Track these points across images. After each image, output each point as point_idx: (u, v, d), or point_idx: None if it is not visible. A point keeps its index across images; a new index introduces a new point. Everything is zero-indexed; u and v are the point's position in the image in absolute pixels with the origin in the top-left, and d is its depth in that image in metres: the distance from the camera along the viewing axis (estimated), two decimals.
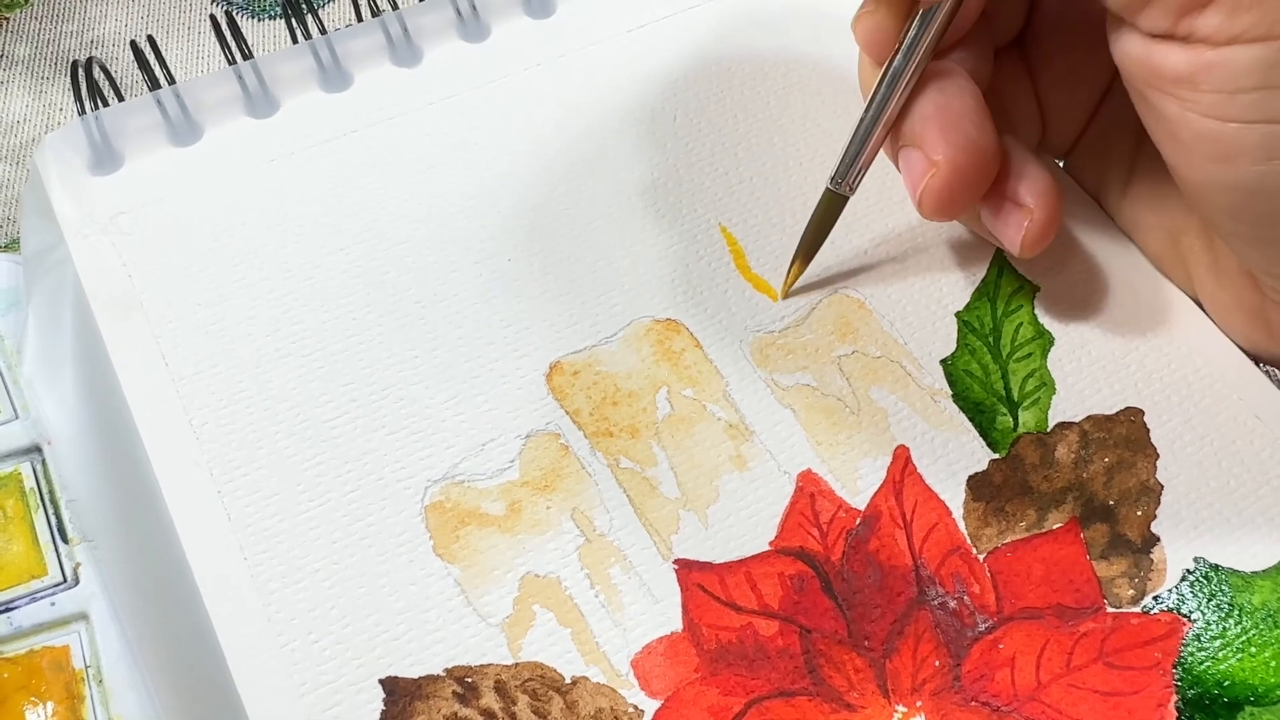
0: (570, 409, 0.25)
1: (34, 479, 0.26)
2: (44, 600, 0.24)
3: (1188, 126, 0.22)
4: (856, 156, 0.25)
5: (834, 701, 0.22)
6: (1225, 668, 0.22)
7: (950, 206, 0.24)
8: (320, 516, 0.23)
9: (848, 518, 0.24)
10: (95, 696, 0.23)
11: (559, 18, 0.31)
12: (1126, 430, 0.25)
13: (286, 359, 0.25)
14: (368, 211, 0.28)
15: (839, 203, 0.26)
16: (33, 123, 0.34)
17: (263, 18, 0.36)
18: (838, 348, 0.26)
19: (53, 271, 0.27)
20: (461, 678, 0.22)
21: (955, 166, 0.24)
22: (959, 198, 0.24)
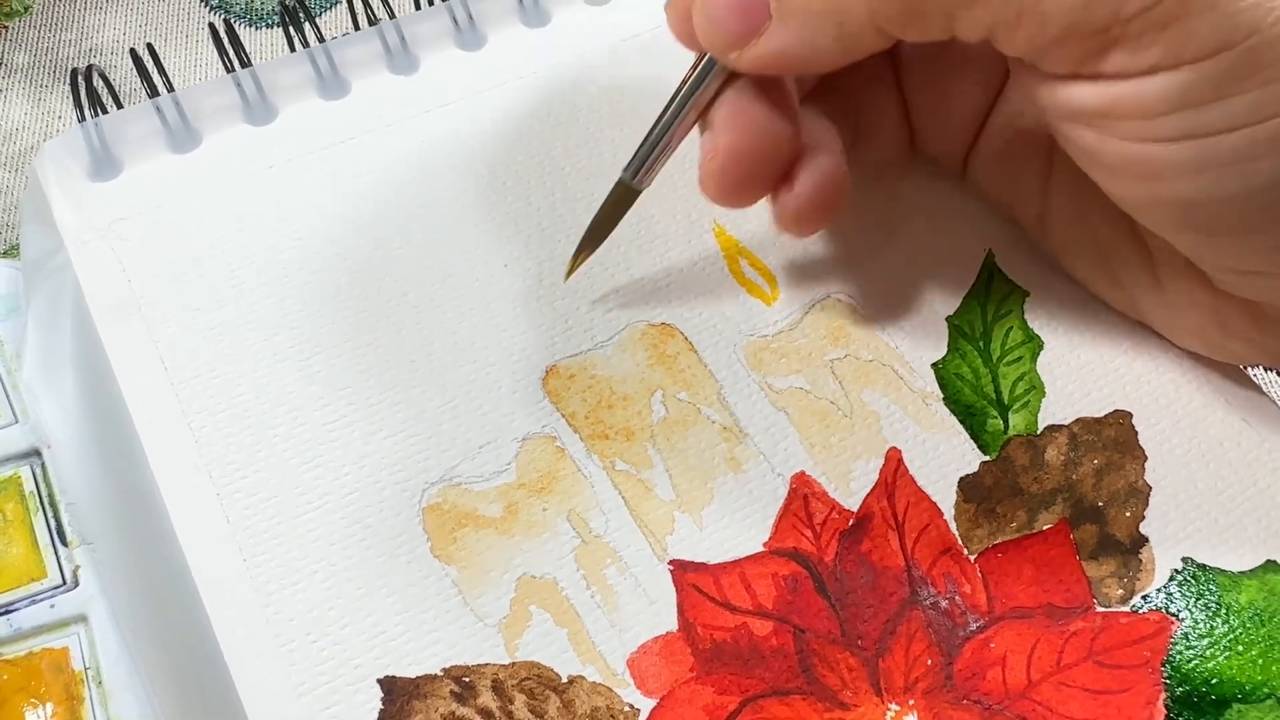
0: (566, 412, 0.25)
1: (33, 482, 0.26)
2: (43, 602, 0.24)
3: (1110, 152, 0.22)
4: (651, 151, 0.25)
5: (828, 700, 0.22)
6: (1213, 666, 0.23)
7: (728, 192, 0.24)
8: (318, 519, 0.23)
9: (840, 519, 0.24)
10: (95, 698, 0.23)
11: (554, 26, 0.32)
12: (1115, 433, 0.26)
13: (285, 363, 0.25)
14: (365, 218, 0.28)
15: (630, 196, 0.26)
16: (32, 130, 0.34)
17: (261, 26, 0.36)
18: (830, 351, 0.27)
19: (52, 277, 0.27)
20: (459, 677, 0.22)
21: (732, 152, 0.23)
22: (737, 184, 0.24)
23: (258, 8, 0.38)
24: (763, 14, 0.22)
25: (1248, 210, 0.21)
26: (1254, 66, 0.19)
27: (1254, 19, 0.19)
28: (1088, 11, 0.20)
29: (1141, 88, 0.20)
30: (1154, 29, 0.19)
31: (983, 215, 0.29)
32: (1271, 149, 0.20)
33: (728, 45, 0.23)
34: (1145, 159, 0.21)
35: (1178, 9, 0.19)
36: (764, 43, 0.22)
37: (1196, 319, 0.25)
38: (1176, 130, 0.20)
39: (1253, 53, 0.19)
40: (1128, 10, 0.19)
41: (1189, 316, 0.25)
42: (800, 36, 0.22)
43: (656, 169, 0.25)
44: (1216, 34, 0.19)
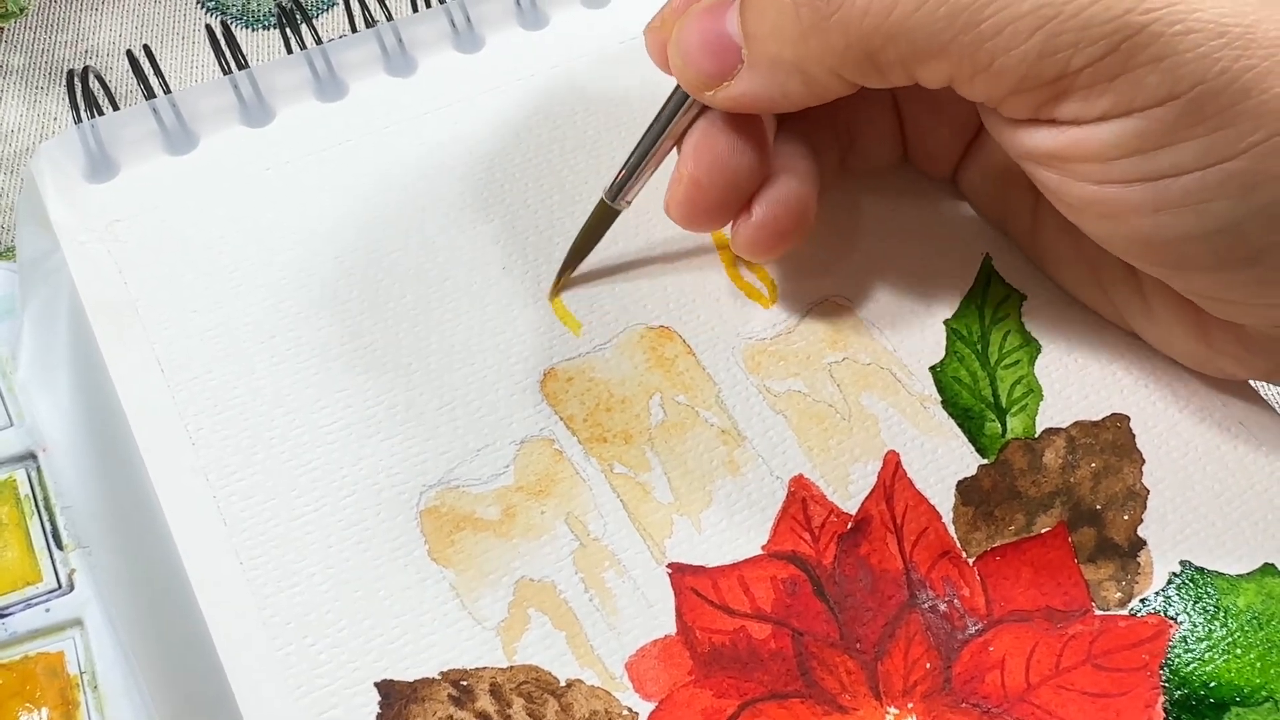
0: (564, 415, 0.25)
1: (29, 485, 0.26)
2: (39, 606, 0.24)
3: (1070, 192, 0.22)
4: (633, 172, 0.25)
5: (826, 704, 0.22)
6: (1211, 669, 0.23)
7: (691, 220, 0.25)
8: (316, 521, 0.23)
9: (839, 522, 0.24)
10: (90, 702, 0.23)
11: (552, 29, 0.32)
12: (1113, 436, 0.26)
13: (281, 365, 0.25)
14: (362, 220, 0.28)
15: (610, 215, 0.26)
16: (27, 131, 0.34)
17: (258, 28, 0.36)
18: (828, 355, 0.27)
19: (48, 279, 0.27)
20: (457, 681, 0.22)
21: (695, 183, 0.24)
22: (700, 212, 0.25)
23: (255, 9, 0.38)
24: (735, 57, 0.23)
25: (1208, 247, 0.22)
26: (1200, 115, 0.20)
27: (1199, 70, 0.20)
28: (1038, 66, 0.20)
29: (1095, 133, 0.21)
30: (1102, 80, 0.20)
31: (980, 220, 0.29)
32: (1223, 191, 0.21)
33: (700, 85, 0.24)
34: (1102, 199, 0.22)
35: (1124, 61, 0.20)
36: (735, 85, 0.23)
37: (1183, 336, 0.26)
38: (1130, 173, 0.21)
39: (1198, 101, 0.20)
40: (1076, 64, 0.20)
41: (1176, 334, 0.26)
42: (770, 83, 0.23)
43: (635, 190, 0.26)
44: (1163, 85, 0.20)
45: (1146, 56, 0.20)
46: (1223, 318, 0.24)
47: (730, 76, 0.23)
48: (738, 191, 0.25)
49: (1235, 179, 0.20)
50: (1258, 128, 0.20)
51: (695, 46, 0.23)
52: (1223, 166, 0.20)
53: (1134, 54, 0.20)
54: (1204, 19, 0.20)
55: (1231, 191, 0.20)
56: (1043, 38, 0.20)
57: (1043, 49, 0.20)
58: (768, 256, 0.27)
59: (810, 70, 0.22)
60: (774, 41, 0.22)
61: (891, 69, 0.22)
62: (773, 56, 0.23)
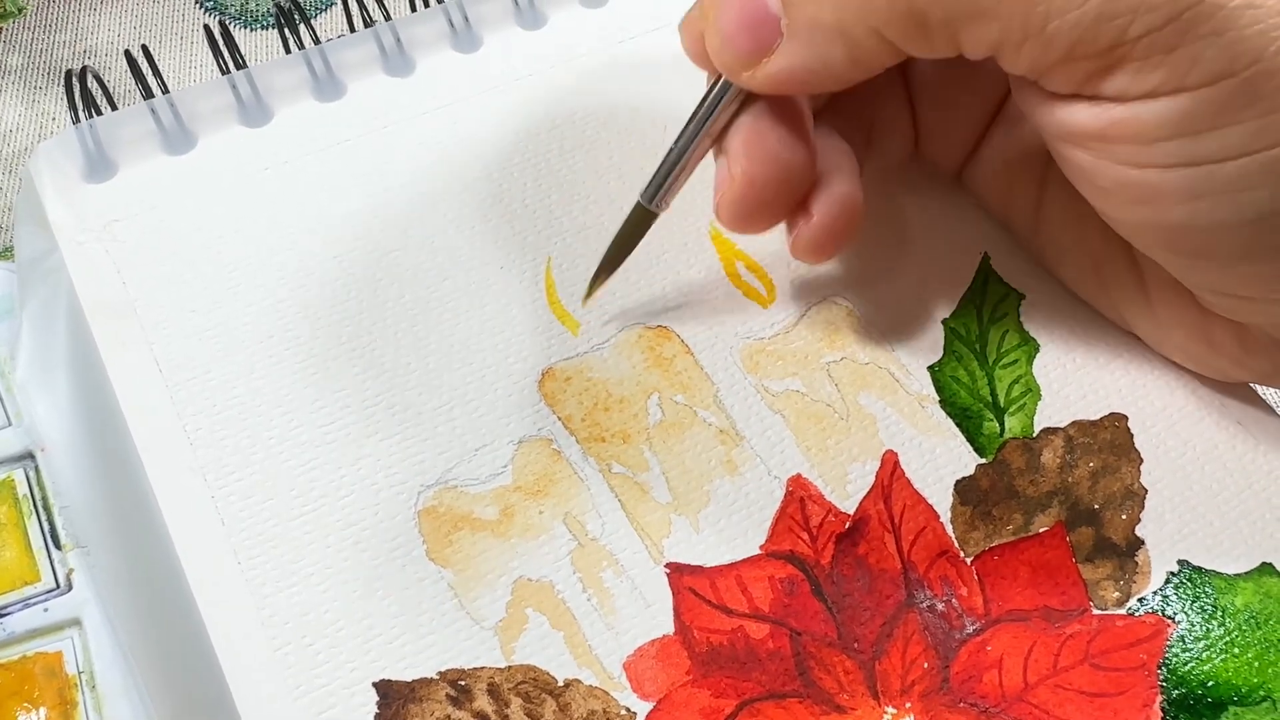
0: (562, 415, 0.25)
1: (27, 485, 0.26)
2: (37, 606, 0.24)
3: (1105, 175, 0.22)
4: (669, 174, 0.25)
5: (824, 703, 0.22)
6: (1209, 668, 0.23)
7: (745, 220, 0.24)
8: (314, 521, 0.23)
9: (837, 522, 0.24)
10: (88, 702, 0.23)
11: (551, 29, 0.32)
12: (1111, 435, 0.26)
13: (280, 365, 0.25)
14: (361, 220, 0.28)
15: (648, 219, 0.26)
16: (26, 132, 0.34)
17: (256, 28, 0.36)
18: (826, 354, 0.27)
19: (47, 279, 0.27)
20: (455, 680, 0.22)
21: (750, 181, 0.24)
22: (754, 211, 0.24)
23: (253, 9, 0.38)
24: (774, 31, 0.22)
25: (1239, 238, 0.21)
26: (1253, 96, 0.19)
27: (1258, 47, 0.19)
28: (1094, 31, 0.20)
29: (1140, 111, 0.20)
30: (1160, 51, 0.19)
31: (978, 219, 0.29)
32: (1266, 179, 0.20)
33: (740, 65, 0.23)
34: (1139, 183, 0.21)
35: (1184, 32, 0.19)
36: (776, 60, 0.22)
37: (1183, 336, 0.25)
38: (1172, 156, 0.20)
39: (1253, 82, 0.19)
40: (1134, 31, 0.19)
41: (1176, 333, 0.25)
42: (811, 53, 0.22)
43: (674, 192, 0.25)
44: (1220, 60, 0.19)
45: (1208, 28, 0.19)
46: (1229, 315, 0.24)
47: (769, 53, 0.22)
48: (792, 188, 0.24)
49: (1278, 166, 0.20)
50: None
51: (733, 24, 0.23)
52: (1268, 154, 0.20)
53: (1195, 25, 0.19)
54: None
55: (1272, 180, 0.20)
56: (1101, 1, 0.19)
57: (1100, 12, 0.19)
58: (827, 258, 0.26)
59: (852, 32, 0.21)
60: (813, 3, 0.22)
61: (936, 32, 0.21)
62: (812, 19, 0.22)
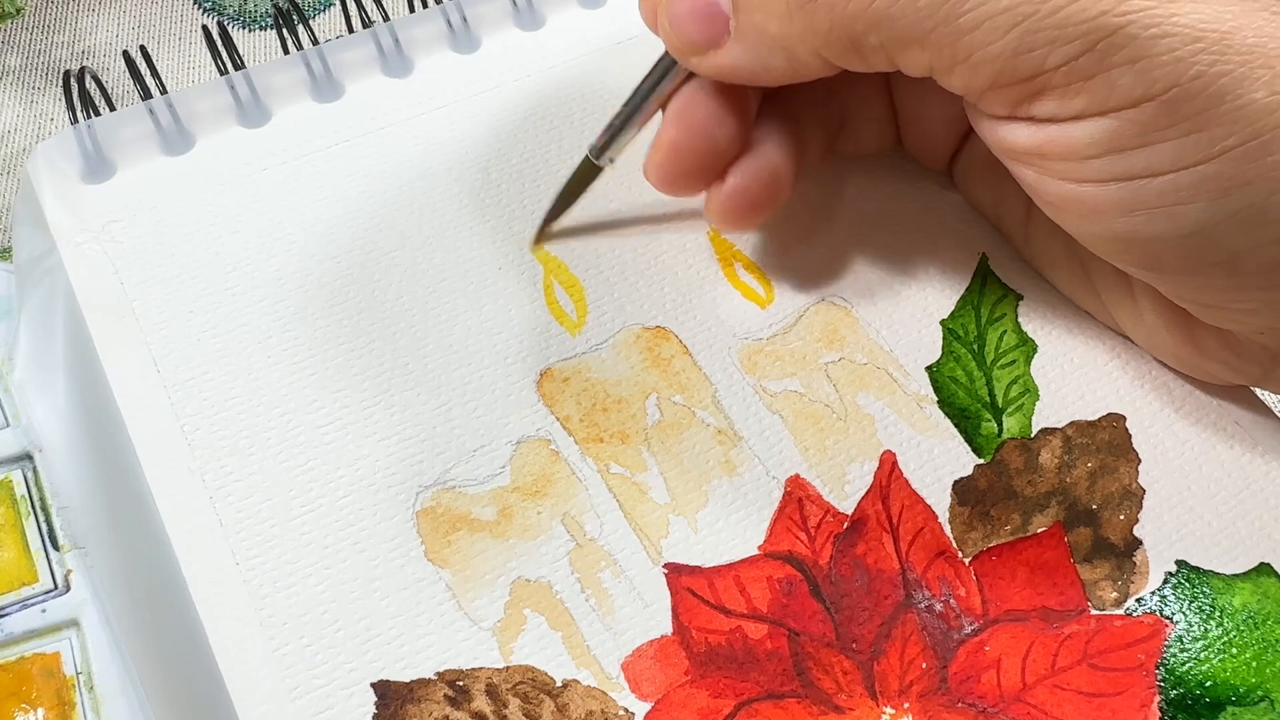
0: (560, 415, 0.25)
1: (25, 486, 0.26)
2: (35, 607, 0.24)
3: (1048, 189, 0.23)
4: (617, 132, 0.26)
5: (822, 704, 0.22)
6: (1207, 669, 0.23)
7: (667, 183, 0.25)
8: (312, 522, 0.23)
9: (835, 522, 0.24)
10: (86, 703, 0.23)
11: (549, 29, 0.32)
12: (1109, 436, 0.26)
13: (278, 366, 0.25)
14: (359, 220, 0.28)
15: (594, 172, 0.27)
16: (24, 132, 0.34)
17: (254, 28, 0.36)
18: (825, 355, 0.27)
19: (45, 279, 0.27)
20: (453, 681, 0.22)
21: (674, 148, 0.25)
22: (674, 176, 0.25)
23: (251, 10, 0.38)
24: (723, 27, 0.23)
25: (1181, 251, 0.22)
26: (1175, 117, 0.20)
27: (1174, 73, 0.20)
28: (1014, 62, 0.21)
29: (1071, 131, 0.21)
30: (1078, 79, 0.20)
31: (976, 219, 0.29)
32: (1196, 194, 0.21)
33: (687, 51, 0.24)
34: (1078, 198, 0.22)
35: (1099, 61, 0.20)
36: (721, 55, 0.24)
37: (1172, 340, 0.25)
38: (1105, 172, 0.21)
39: (1173, 104, 0.20)
40: (1051, 62, 0.20)
41: (1165, 336, 0.26)
42: (754, 56, 0.23)
43: (618, 148, 0.26)
44: (1138, 86, 0.20)
45: (1121, 58, 0.20)
46: (1209, 322, 0.24)
47: (717, 46, 0.23)
48: (715, 159, 0.25)
49: (1208, 182, 0.20)
50: (1231, 133, 0.20)
51: (685, 13, 0.24)
52: (1196, 169, 0.20)
53: (1109, 54, 0.20)
54: (1181, 23, 0.20)
55: (1204, 195, 0.21)
56: (1019, 35, 0.20)
57: (1019, 45, 0.20)
58: (740, 227, 0.27)
59: (793, 48, 0.23)
60: (761, 14, 0.23)
61: (874, 54, 0.22)
62: (758, 29, 0.23)
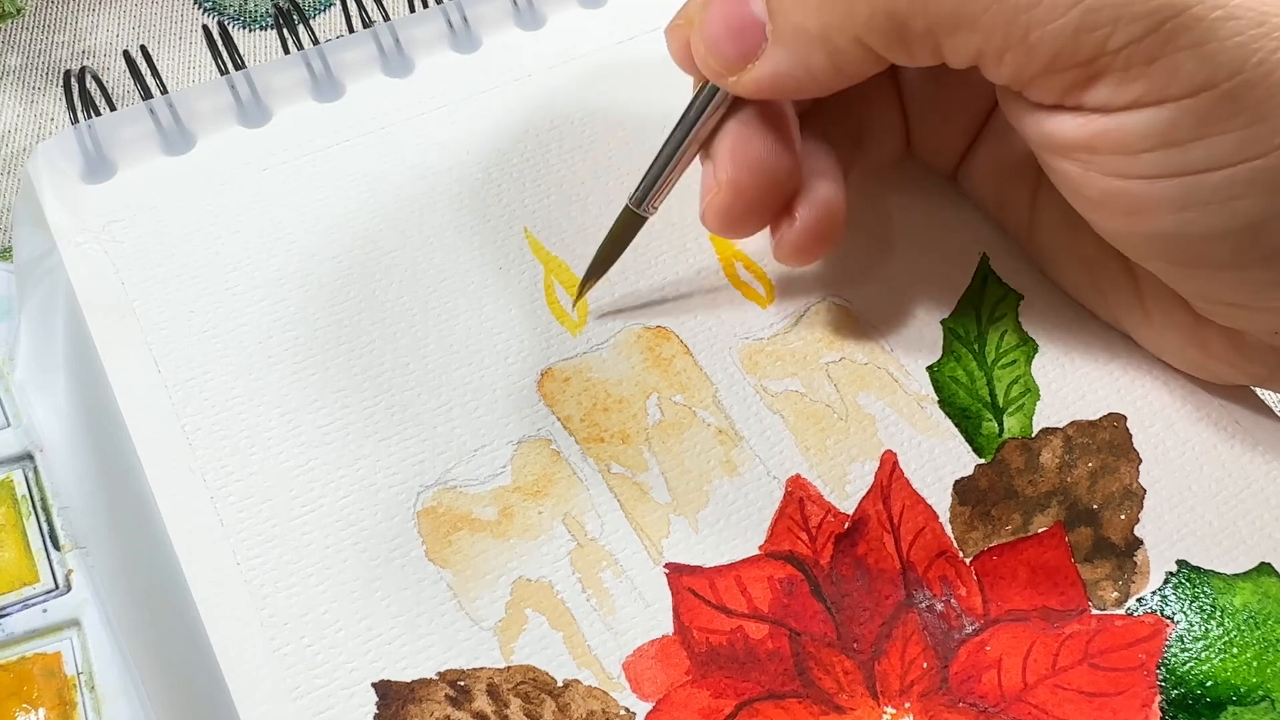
0: (561, 415, 0.25)
1: (26, 486, 0.26)
2: (36, 607, 0.24)
3: (1092, 185, 0.22)
4: (658, 178, 0.25)
5: (823, 703, 0.22)
6: (1208, 668, 0.23)
7: (731, 226, 0.25)
8: (313, 522, 0.23)
9: (836, 522, 0.24)
10: (87, 703, 0.23)
11: (550, 29, 0.32)
12: (1109, 435, 0.26)
13: (279, 365, 0.25)
14: (359, 220, 0.28)
15: (637, 222, 0.26)
16: (24, 132, 0.34)
17: (255, 28, 0.36)
18: (826, 354, 0.27)
19: (45, 279, 0.27)
20: (454, 681, 0.22)
21: (735, 187, 0.24)
22: (740, 217, 0.24)
23: (252, 10, 0.38)
24: (759, 37, 0.23)
25: (1228, 246, 0.21)
26: (1236, 107, 0.19)
27: (1239, 58, 0.19)
28: (1074, 42, 0.20)
29: (1124, 122, 0.20)
30: (1140, 63, 0.20)
31: (977, 219, 0.29)
32: (1251, 189, 0.20)
33: (726, 70, 0.23)
34: (1126, 194, 0.21)
35: (1164, 44, 0.19)
36: (760, 66, 0.23)
37: (1178, 340, 0.25)
38: (1158, 168, 0.21)
39: (1235, 94, 0.19)
40: (1114, 43, 0.20)
41: (1171, 337, 0.25)
42: (795, 59, 0.22)
43: (662, 196, 0.25)
44: (1200, 72, 0.19)
45: (1188, 40, 0.19)
46: (1222, 322, 0.24)
47: (755, 58, 0.23)
48: (777, 194, 0.24)
49: (1265, 175, 0.20)
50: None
51: (719, 29, 0.23)
52: (1253, 164, 0.20)
53: (1175, 36, 0.19)
54: (1246, 6, 0.19)
55: (1259, 189, 0.20)
56: (1082, 12, 0.19)
57: (1081, 23, 0.19)
58: (810, 261, 0.26)
59: (835, 40, 0.22)
60: (798, 11, 0.22)
61: (918, 41, 0.21)
62: (796, 26, 0.22)
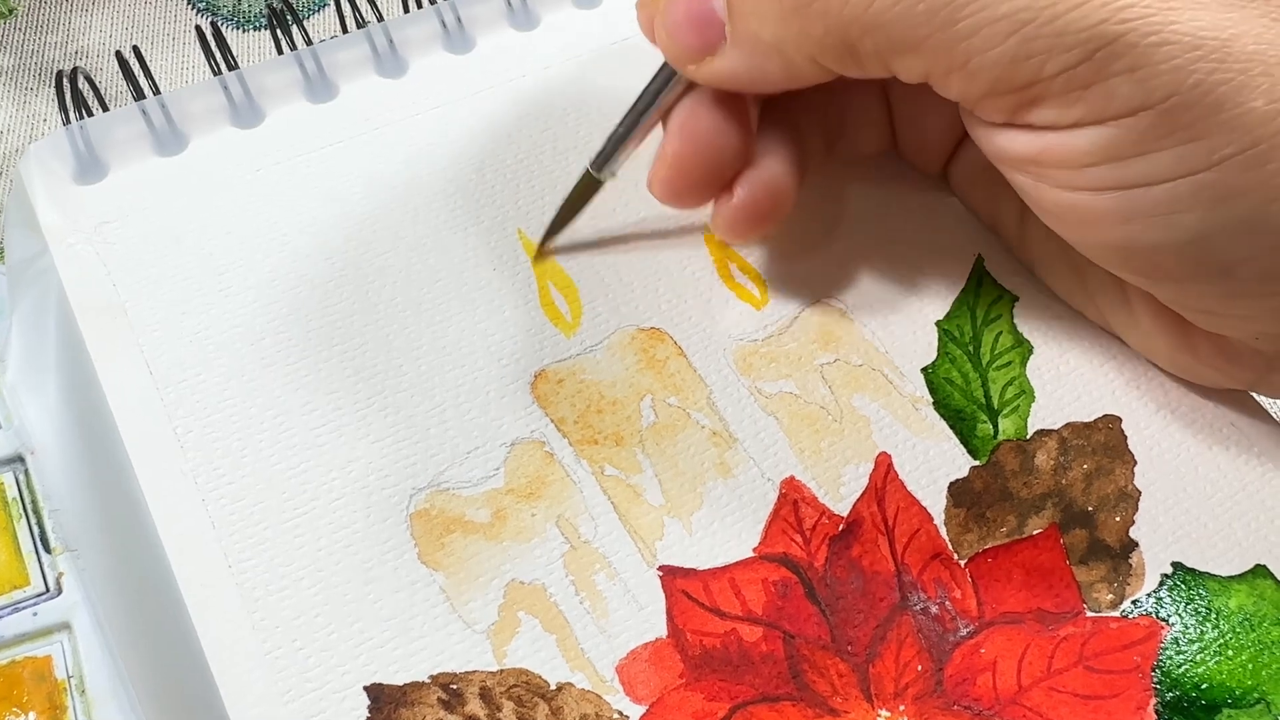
0: (555, 417, 0.25)
1: (16, 488, 0.26)
2: (26, 610, 0.24)
3: (1045, 197, 0.23)
4: (618, 144, 0.26)
5: (818, 706, 0.22)
6: (1203, 671, 0.23)
7: (673, 196, 0.25)
8: (305, 524, 0.23)
9: (830, 524, 0.24)
10: (78, 707, 0.23)
11: (543, 30, 0.31)
12: (1105, 437, 0.26)
13: (271, 367, 0.25)
14: (353, 221, 0.28)
15: (594, 186, 0.27)
16: (16, 133, 0.34)
17: (248, 29, 0.36)
18: (820, 356, 0.26)
19: (37, 280, 0.27)
20: (446, 684, 0.22)
21: (679, 160, 0.25)
22: (681, 190, 0.25)
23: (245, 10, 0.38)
24: (719, 34, 0.23)
25: (1175, 259, 0.22)
26: (1173, 125, 0.20)
27: (1173, 82, 0.20)
28: (1012, 69, 0.20)
29: (1068, 140, 0.21)
30: (1076, 88, 0.20)
31: (972, 220, 0.29)
32: (1193, 203, 0.21)
33: (684, 58, 0.24)
34: (1075, 206, 0.22)
35: (1098, 70, 0.20)
36: (717, 62, 0.23)
37: (1168, 345, 0.25)
38: (1102, 181, 0.21)
39: (1171, 113, 0.20)
40: (1049, 70, 0.20)
41: (1160, 341, 0.26)
42: (751, 63, 0.23)
43: (620, 161, 0.26)
44: (1136, 95, 0.20)
45: (1121, 66, 0.20)
46: (1205, 328, 0.24)
47: (713, 52, 0.23)
48: (720, 171, 0.25)
49: (1206, 190, 0.20)
50: (1230, 141, 0.20)
51: (681, 20, 0.24)
52: (1194, 178, 0.20)
53: (1108, 63, 0.20)
54: (1180, 31, 0.20)
55: (1201, 203, 0.20)
56: (1017, 42, 0.20)
57: (1016, 53, 0.20)
58: (746, 239, 0.27)
59: (788, 53, 0.23)
60: (755, 20, 0.23)
61: (868, 60, 0.22)
62: (753, 35, 0.23)
